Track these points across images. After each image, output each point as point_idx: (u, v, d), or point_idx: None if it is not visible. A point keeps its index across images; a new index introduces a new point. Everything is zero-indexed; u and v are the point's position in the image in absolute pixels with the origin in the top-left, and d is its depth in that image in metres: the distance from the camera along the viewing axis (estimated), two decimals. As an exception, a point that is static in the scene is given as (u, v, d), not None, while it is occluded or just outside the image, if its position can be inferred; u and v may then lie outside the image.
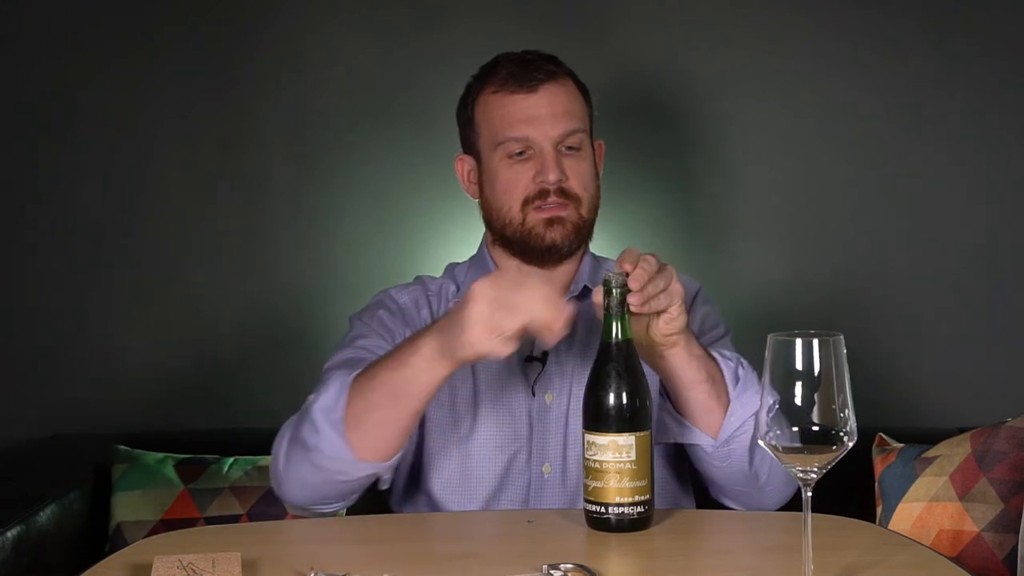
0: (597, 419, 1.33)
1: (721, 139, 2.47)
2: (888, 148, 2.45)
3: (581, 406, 1.38)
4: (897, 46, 2.43)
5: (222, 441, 2.26)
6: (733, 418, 1.47)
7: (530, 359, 1.64)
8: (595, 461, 1.32)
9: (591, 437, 1.33)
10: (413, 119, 2.46)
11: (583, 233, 1.66)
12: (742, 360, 1.52)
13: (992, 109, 2.43)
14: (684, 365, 1.45)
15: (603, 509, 1.32)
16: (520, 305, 1.32)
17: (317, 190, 2.49)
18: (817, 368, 1.08)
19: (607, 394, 1.33)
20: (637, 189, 2.44)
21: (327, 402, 1.45)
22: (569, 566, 1.21)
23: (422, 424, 1.64)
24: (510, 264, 1.69)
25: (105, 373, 2.48)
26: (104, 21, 2.47)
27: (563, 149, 1.63)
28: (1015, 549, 1.87)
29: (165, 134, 2.48)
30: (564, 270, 1.69)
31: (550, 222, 1.62)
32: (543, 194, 1.61)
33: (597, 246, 1.76)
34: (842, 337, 1.09)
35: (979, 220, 2.44)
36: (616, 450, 1.31)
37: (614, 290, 1.34)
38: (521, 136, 1.61)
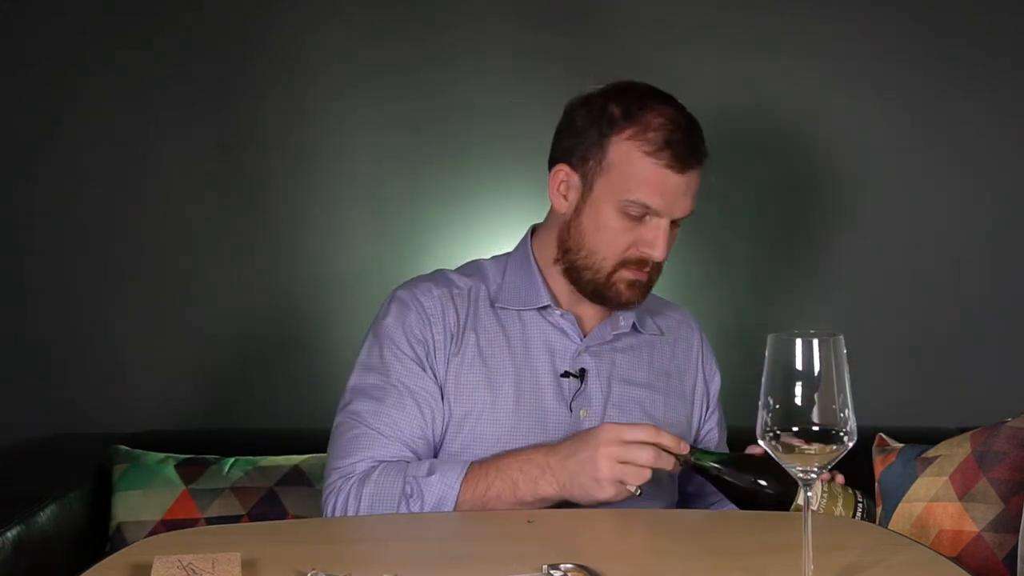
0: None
1: (721, 138, 2.46)
2: (887, 147, 2.45)
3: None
4: (897, 45, 2.43)
5: (222, 441, 2.26)
6: None
7: (567, 375, 1.65)
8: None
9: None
10: (413, 119, 2.46)
11: (650, 292, 1.70)
12: None
13: (992, 109, 2.43)
14: None
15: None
16: (642, 460, 1.46)
17: (317, 190, 2.49)
18: (817, 368, 1.08)
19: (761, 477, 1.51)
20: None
21: (441, 500, 1.53)
22: (569, 566, 1.21)
23: (457, 427, 1.63)
24: (559, 286, 1.70)
25: (105, 373, 2.48)
26: (104, 21, 2.47)
27: (672, 223, 1.64)
28: (1015, 549, 1.87)
29: (165, 134, 2.48)
30: (603, 308, 1.71)
31: (633, 284, 1.64)
32: (642, 263, 1.63)
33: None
34: (842, 337, 1.09)
35: (979, 220, 2.44)
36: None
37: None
38: (651, 206, 1.60)
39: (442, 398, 1.62)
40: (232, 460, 2.19)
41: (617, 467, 1.45)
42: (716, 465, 1.52)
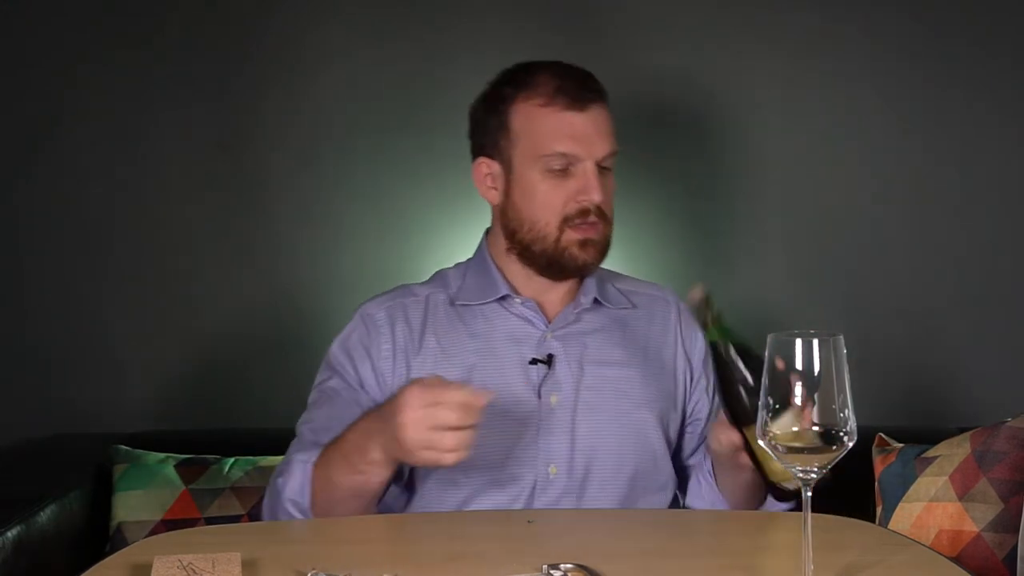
0: (747, 415, 1.41)
1: (722, 140, 2.47)
2: (887, 147, 2.45)
3: (583, 408, 1.50)
4: (897, 45, 2.43)
5: (222, 441, 2.26)
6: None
7: (535, 361, 1.65)
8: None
9: (750, 432, 1.40)
10: (413, 119, 2.46)
11: (607, 251, 1.69)
12: None
13: (992, 109, 2.43)
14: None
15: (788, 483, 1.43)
16: (446, 420, 1.38)
17: (317, 190, 2.48)
18: (817, 368, 1.08)
19: (749, 392, 1.42)
20: (638, 190, 2.44)
21: (294, 492, 1.54)
22: (569, 566, 1.21)
23: None
24: (517, 276, 1.71)
25: (105, 373, 2.48)
26: (104, 21, 2.47)
27: (600, 169, 1.64)
28: (1015, 549, 1.87)
29: (165, 134, 2.48)
30: (566, 284, 1.71)
31: (584, 243, 1.64)
32: (584, 213, 1.63)
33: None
34: (842, 337, 1.09)
35: (979, 220, 2.44)
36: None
37: (711, 301, 1.45)
38: (570, 152, 1.62)
39: None
40: (232, 460, 2.19)
41: (424, 433, 1.38)
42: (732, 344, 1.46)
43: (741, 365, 1.42)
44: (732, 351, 1.44)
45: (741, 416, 1.43)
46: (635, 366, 1.70)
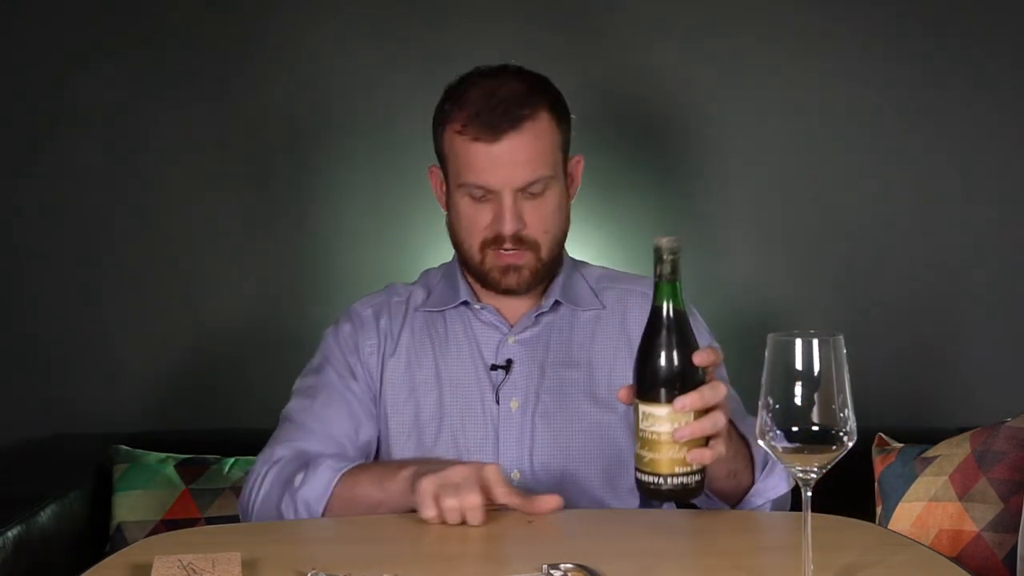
0: (653, 388, 1.28)
1: (720, 138, 2.47)
2: (887, 147, 2.45)
3: (542, 412, 1.38)
4: (897, 45, 2.43)
5: (222, 441, 2.26)
6: (754, 498, 1.50)
7: (495, 367, 1.65)
8: (652, 432, 1.27)
9: (647, 408, 1.28)
10: (413, 119, 2.46)
11: (542, 274, 1.66)
12: None
13: (992, 109, 2.43)
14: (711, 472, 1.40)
15: (661, 480, 1.28)
16: (463, 494, 1.36)
17: (317, 190, 2.49)
18: (817, 368, 1.08)
19: (660, 363, 1.28)
20: (636, 188, 2.44)
21: (311, 496, 1.51)
22: (569, 566, 1.21)
23: (384, 431, 1.67)
24: (455, 279, 1.71)
25: (105, 373, 2.48)
26: (104, 21, 2.47)
27: (525, 195, 1.61)
28: (1015, 549, 1.87)
29: (165, 134, 2.48)
30: (532, 294, 1.69)
31: (506, 270, 1.63)
32: (499, 240, 1.61)
33: (593, 249, 1.76)
34: (842, 337, 1.09)
35: (979, 219, 2.44)
36: (674, 420, 1.27)
37: (665, 256, 1.28)
38: (480, 184, 1.60)
39: (377, 403, 1.68)
40: (232, 460, 2.19)
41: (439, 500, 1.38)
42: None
43: (674, 339, 1.29)
44: (673, 320, 1.29)
45: (648, 391, 1.29)
46: (601, 366, 1.67)
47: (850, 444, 1.10)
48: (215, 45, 2.48)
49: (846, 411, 1.09)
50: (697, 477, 1.29)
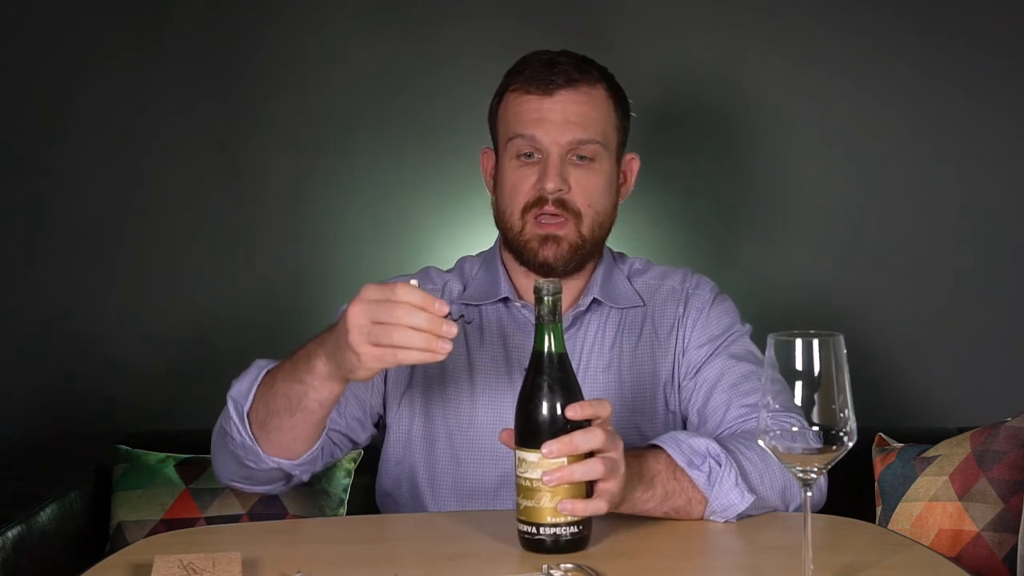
0: (529, 435, 1.26)
1: (722, 140, 2.47)
2: (888, 148, 2.45)
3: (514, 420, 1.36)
4: (897, 46, 2.43)
5: (222, 441, 2.26)
6: (716, 515, 1.40)
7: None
8: (527, 479, 1.25)
9: (522, 454, 1.25)
10: (413, 119, 2.47)
11: (582, 253, 1.62)
12: (713, 450, 1.39)
13: (992, 109, 2.43)
14: (640, 511, 1.37)
15: (536, 530, 1.26)
16: (398, 322, 1.24)
17: (317, 189, 2.49)
18: (817, 368, 1.08)
19: (538, 409, 1.26)
20: (638, 189, 2.44)
21: (239, 392, 1.46)
22: (569, 566, 1.21)
23: (423, 417, 1.64)
24: (518, 274, 1.67)
25: (105, 373, 2.48)
26: (104, 21, 2.47)
27: (573, 159, 1.59)
28: (1015, 549, 1.87)
29: (165, 133, 2.48)
30: (571, 284, 1.66)
31: (545, 239, 1.59)
32: (540, 202, 1.58)
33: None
34: (842, 337, 1.09)
35: (979, 219, 2.44)
36: (546, 467, 1.24)
37: (545, 298, 1.26)
38: (528, 135, 1.58)
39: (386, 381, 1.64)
40: (232, 460, 2.18)
41: (368, 326, 1.25)
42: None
43: (548, 384, 1.26)
44: (552, 363, 1.27)
45: (522, 436, 1.27)
46: (632, 368, 1.66)
47: (850, 444, 1.10)
48: (216, 45, 2.47)
49: (846, 411, 1.09)
50: (574, 529, 1.26)
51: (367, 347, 1.26)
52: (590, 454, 1.26)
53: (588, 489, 1.27)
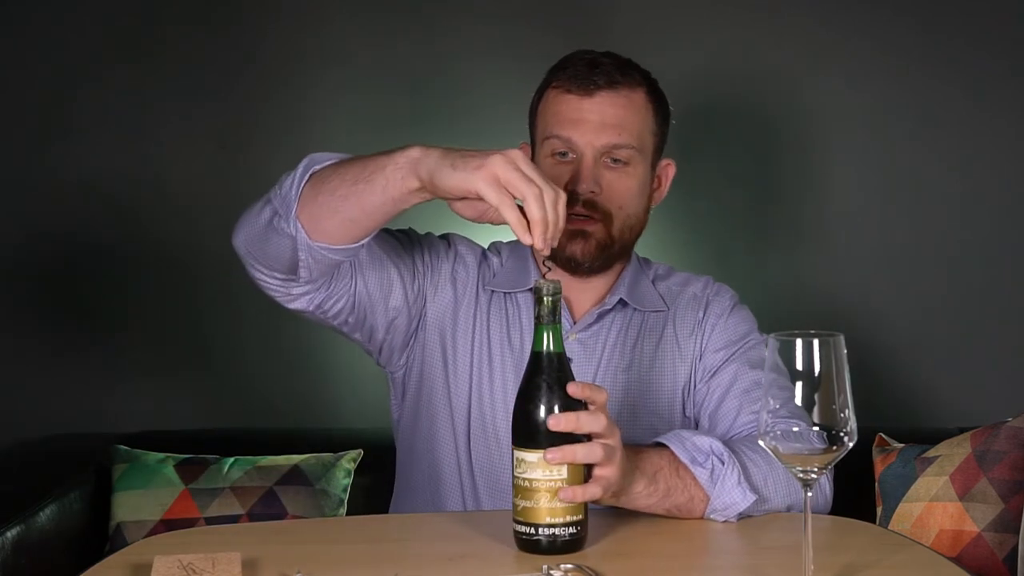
0: (526, 435, 1.26)
1: (723, 142, 2.47)
2: (888, 148, 2.45)
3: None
4: (897, 46, 2.43)
5: (222, 441, 2.26)
6: (717, 513, 1.40)
7: None
8: (525, 479, 1.25)
9: (520, 454, 1.25)
10: (414, 119, 2.47)
11: (610, 252, 1.63)
12: (716, 448, 1.40)
13: (992, 109, 2.43)
14: (642, 506, 1.38)
15: (533, 530, 1.25)
16: (536, 180, 1.28)
17: (317, 190, 2.48)
18: (817, 368, 1.08)
19: (536, 409, 1.26)
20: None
21: (322, 156, 1.45)
22: (569, 566, 1.21)
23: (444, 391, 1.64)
24: (525, 261, 1.69)
25: (105, 373, 2.48)
26: (105, 21, 2.47)
27: (607, 161, 1.60)
28: (1015, 549, 1.87)
29: (165, 134, 2.48)
30: (598, 283, 1.67)
31: (573, 235, 1.60)
32: (572, 200, 1.57)
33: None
34: (842, 337, 1.09)
35: (979, 220, 2.44)
36: (546, 468, 1.24)
37: (545, 298, 1.27)
38: (564, 136, 1.59)
39: (420, 317, 1.66)
40: (232, 460, 2.18)
41: (507, 173, 1.28)
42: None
43: (548, 384, 1.27)
44: (551, 364, 1.28)
45: (521, 436, 1.27)
46: (652, 370, 1.66)
47: (850, 444, 1.10)
48: (216, 45, 2.48)
49: (846, 411, 1.09)
50: (572, 530, 1.26)
51: (503, 165, 1.27)
52: (589, 439, 1.27)
53: (585, 480, 1.28)
